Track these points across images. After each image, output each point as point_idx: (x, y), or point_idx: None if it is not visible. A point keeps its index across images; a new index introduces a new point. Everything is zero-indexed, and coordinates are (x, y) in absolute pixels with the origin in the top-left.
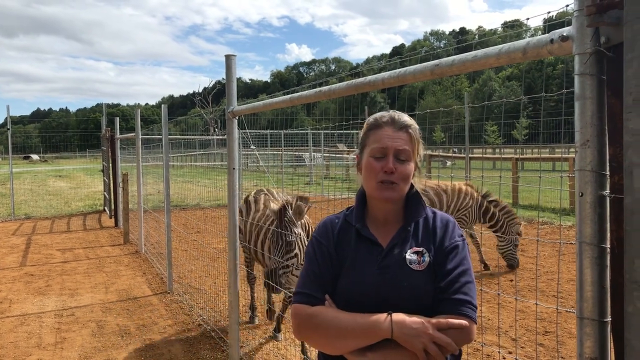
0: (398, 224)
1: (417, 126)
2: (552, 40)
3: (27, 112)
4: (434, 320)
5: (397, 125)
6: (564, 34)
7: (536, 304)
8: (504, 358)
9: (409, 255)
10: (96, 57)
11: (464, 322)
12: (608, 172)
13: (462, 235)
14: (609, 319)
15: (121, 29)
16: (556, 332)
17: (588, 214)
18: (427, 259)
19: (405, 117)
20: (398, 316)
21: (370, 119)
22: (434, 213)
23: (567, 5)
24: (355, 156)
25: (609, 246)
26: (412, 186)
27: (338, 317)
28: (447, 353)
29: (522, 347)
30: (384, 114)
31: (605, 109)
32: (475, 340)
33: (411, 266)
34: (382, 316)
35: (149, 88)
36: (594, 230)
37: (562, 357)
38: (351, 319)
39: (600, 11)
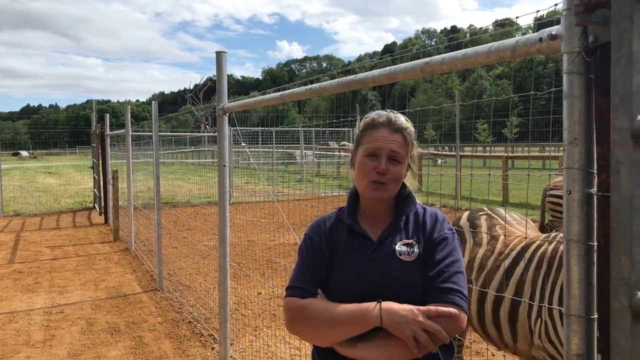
0: (389, 219)
1: (413, 129)
2: (541, 39)
3: (16, 109)
4: (423, 308)
5: (393, 127)
6: (553, 33)
7: (523, 300)
8: (493, 355)
9: (399, 247)
10: (85, 53)
11: (453, 310)
12: (595, 170)
13: (451, 229)
14: (595, 316)
15: (110, 25)
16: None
17: (575, 212)
18: (416, 250)
19: (401, 119)
20: (387, 304)
21: (368, 117)
22: (424, 209)
23: (556, 4)
24: (350, 152)
25: (595, 244)
26: (404, 186)
27: (328, 307)
28: (438, 342)
29: None
30: (381, 114)
31: (593, 108)
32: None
33: (401, 257)
34: (372, 304)
35: (139, 85)
36: (581, 227)
37: None
38: (341, 308)
39: (588, 10)
